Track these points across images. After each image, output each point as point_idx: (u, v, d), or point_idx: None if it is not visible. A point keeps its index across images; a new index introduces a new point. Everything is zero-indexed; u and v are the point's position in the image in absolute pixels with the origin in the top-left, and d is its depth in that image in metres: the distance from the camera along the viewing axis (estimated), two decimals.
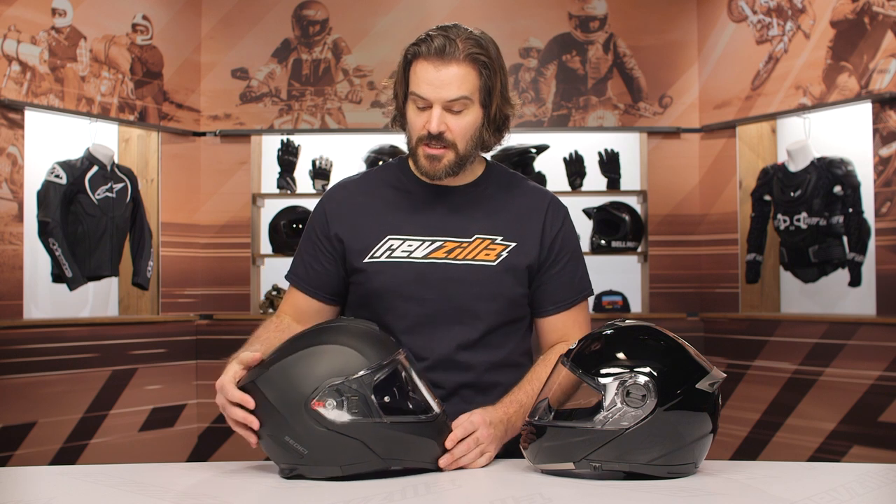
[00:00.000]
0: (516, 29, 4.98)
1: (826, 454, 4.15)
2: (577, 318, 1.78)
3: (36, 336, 4.17)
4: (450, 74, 1.62)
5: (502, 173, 1.82)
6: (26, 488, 1.44)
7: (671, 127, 4.93)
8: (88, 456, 4.30)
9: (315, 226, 1.79)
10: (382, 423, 1.40)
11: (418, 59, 1.64)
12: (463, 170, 1.72)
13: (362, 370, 1.41)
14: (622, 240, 4.86)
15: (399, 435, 1.42)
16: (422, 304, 1.68)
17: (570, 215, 1.82)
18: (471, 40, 1.64)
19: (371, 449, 1.40)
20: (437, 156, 1.66)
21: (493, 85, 1.66)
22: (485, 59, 1.64)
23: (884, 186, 4.06)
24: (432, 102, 1.63)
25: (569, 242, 1.78)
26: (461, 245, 1.70)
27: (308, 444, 1.40)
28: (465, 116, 1.65)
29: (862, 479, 1.43)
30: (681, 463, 1.41)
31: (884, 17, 4.06)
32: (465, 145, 1.67)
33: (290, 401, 1.41)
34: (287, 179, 4.97)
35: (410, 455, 1.45)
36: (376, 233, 1.72)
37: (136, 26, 4.72)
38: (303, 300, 1.79)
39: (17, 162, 4.14)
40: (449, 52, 1.61)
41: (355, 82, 5.00)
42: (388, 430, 1.41)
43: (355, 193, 1.79)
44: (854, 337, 4.11)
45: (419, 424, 1.45)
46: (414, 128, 1.68)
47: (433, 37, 1.63)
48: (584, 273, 1.81)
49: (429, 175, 1.70)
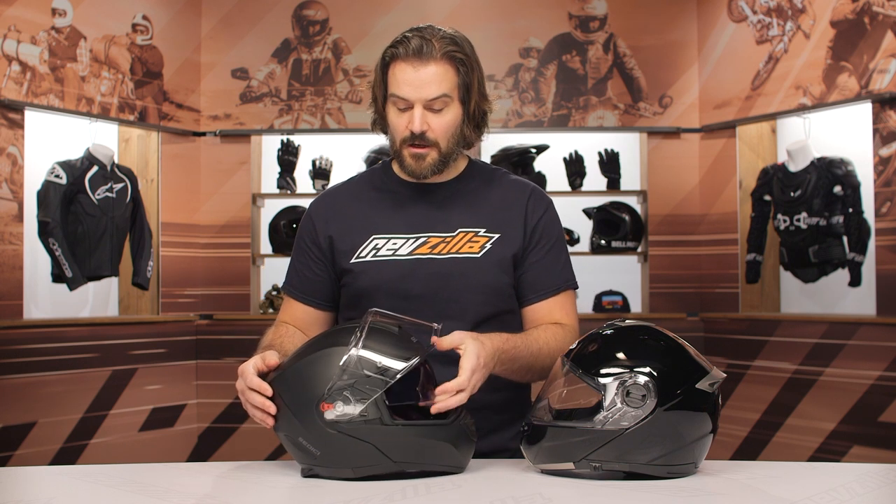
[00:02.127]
0: (516, 29, 4.98)
1: (826, 454, 4.15)
2: (563, 304, 1.77)
3: (36, 336, 4.17)
4: (429, 73, 1.64)
5: (484, 169, 1.84)
6: (26, 488, 1.44)
7: (671, 127, 4.93)
8: (88, 456, 4.30)
9: (303, 235, 1.83)
10: (394, 426, 1.38)
11: (396, 61, 1.66)
12: (447, 167, 1.74)
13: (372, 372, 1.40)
14: (622, 240, 4.86)
15: (411, 439, 1.40)
16: (409, 300, 1.70)
17: (553, 206, 1.82)
18: (446, 39, 1.66)
19: (382, 452, 1.39)
20: (421, 154, 1.69)
21: (471, 81, 1.69)
22: (461, 57, 1.67)
23: (884, 186, 4.06)
24: (413, 102, 1.66)
25: (551, 230, 1.78)
26: (445, 240, 1.73)
27: (320, 446, 1.40)
28: (446, 114, 1.68)
29: (862, 479, 1.43)
30: (681, 463, 1.41)
31: (884, 17, 4.06)
32: (447, 143, 1.70)
33: (302, 402, 1.41)
34: (287, 179, 4.97)
35: (426, 459, 1.42)
36: (362, 233, 1.75)
37: (136, 26, 4.72)
38: (300, 310, 1.81)
39: (17, 162, 4.14)
40: (426, 52, 1.64)
41: (355, 82, 5.00)
42: (399, 434, 1.39)
43: (339, 198, 1.83)
44: (854, 337, 4.11)
45: (433, 428, 1.42)
46: (396, 129, 1.70)
47: (409, 38, 1.65)
48: (569, 263, 1.80)
49: (414, 174, 1.72)
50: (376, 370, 1.40)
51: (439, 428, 1.42)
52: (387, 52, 1.68)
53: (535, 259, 1.76)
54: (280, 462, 1.60)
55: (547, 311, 1.76)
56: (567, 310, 1.77)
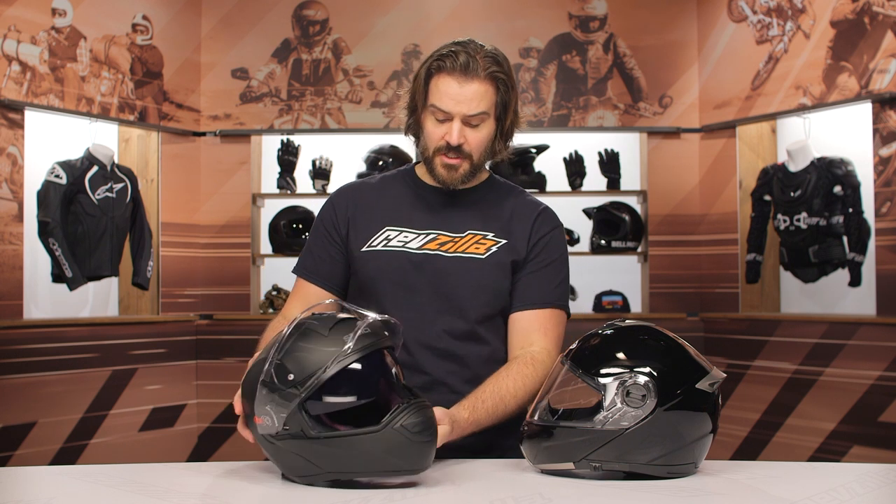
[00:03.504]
0: (516, 29, 4.98)
1: (826, 454, 4.15)
2: (545, 322, 1.77)
3: (36, 336, 4.17)
4: (472, 90, 1.69)
5: (502, 184, 1.90)
6: (26, 488, 1.44)
7: (671, 127, 4.93)
8: (88, 456, 4.30)
9: (323, 218, 1.87)
10: (315, 438, 1.30)
11: (441, 74, 1.71)
12: (474, 177, 1.80)
13: (284, 386, 1.32)
14: (622, 240, 4.85)
15: (337, 450, 1.30)
16: (412, 291, 1.75)
17: (562, 229, 1.86)
18: (489, 58, 1.70)
19: (314, 464, 1.32)
20: (454, 165, 1.75)
21: (509, 101, 1.74)
22: (503, 77, 1.72)
23: (884, 186, 4.06)
24: (453, 116, 1.70)
25: (552, 249, 1.81)
26: (454, 239, 1.78)
27: (268, 454, 1.40)
28: (482, 130, 1.74)
29: (862, 479, 1.43)
30: (681, 463, 1.41)
31: (884, 17, 4.06)
32: (479, 155, 1.76)
33: (247, 414, 1.41)
34: (287, 179, 4.97)
35: (362, 467, 1.31)
36: (377, 224, 1.81)
37: (136, 26, 4.72)
38: (312, 291, 1.83)
39: (17, 162, 4.14)
40: (472, 70, 1.68)
41: (355, 82, 5.00)
42: (323, 446, 1.30)
43: (362, 190, 1.88)
44: (854, 337, 4.11)
45: (360, 438, 1.29)
46: (432, 138, 1.75)
47: (456, 53, 1.69)
48: (564, 287, 1.81)
49: (445, 183, 1.77)
50: (288, 383, 1.32)
51: (367, 437, 1.29)
52: (432, 64, 1.72)
53: (529, 271, 1.79)
54: None
55: (527, 323, 1.77)
56: (547, 329, 1.77)
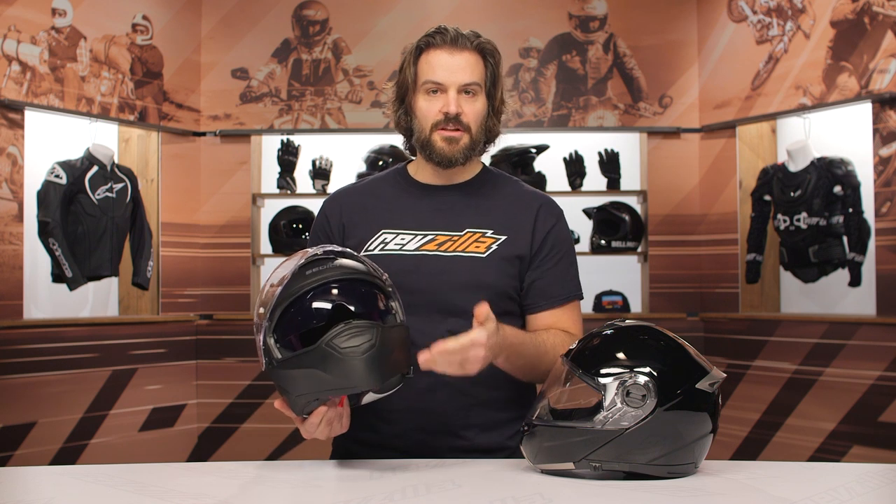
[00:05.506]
0: (516, 29, 4.98)
1: (826, 454, 4.15)
2: (570, 313, 1.79)
3: (36, 336, 4.17)
4: (463, 59, 1.72)
5: (497, 175, 1.88)
6: (26, 488, 1.44)
7: (671, 127, 4.93)
8: (88, 456, 4.30)
9: (317, 228, 1.86)
10: (275, 367, 1.44)
11: (430, 49, 1.73)
12: (470, 160, 1.78)
13: (261, 321, 1.47)
14: (622, 240, 4.86)
15: (290, 372, 1.43)
16: (413, 294, 1.70)
17: (564, 218, 1.84)
18: (475, 33, 1.76)
19: (286, 389, 1.45)
20: (454, 138, 1.73)
21: (497, 75, 1.77)
22: (490, 49, 1.75)
23: (884, 186, 4.06)
24: (447, 87, 1.72)
25: (562, 241, 1.80)
26: (452, 238, 1.75)
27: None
28: (477, 102, 1.75)
29: (862, 479, 1.43)
30: (681, 463, 1.41)
31: (884, 17, 4.06)
32: (477, 129, 1.76)
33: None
34: (287, 179, 4.97)
35: (316, 387, 1.42)
36: (372, 227, 1.78)
37: (136, 26, 4.72)
38: None
39: (17, 162, 4.14)
40: (461, 42, 1.73)
41: (355, 82, 5.00)
42: (284, 371, 1.44)
43: (353, 194, 1.86)
44: (854, 337, 4.11)
45: (299, 357, 1.42)
46: (428, 115, 1.74)
47: (444, 29, 1.74)
48: (576, 275, 1.82)
49: (445, 158, 1.74)
50: (261, 317, 1.47)
51: (306, 357, 1.42)
52: (420, 41, 1.74)
53: (546, 268, 1.77)
54: (280, 462, 1.60)
55: (554, 319, 1.78)
56: (574, 319, 1.79)
